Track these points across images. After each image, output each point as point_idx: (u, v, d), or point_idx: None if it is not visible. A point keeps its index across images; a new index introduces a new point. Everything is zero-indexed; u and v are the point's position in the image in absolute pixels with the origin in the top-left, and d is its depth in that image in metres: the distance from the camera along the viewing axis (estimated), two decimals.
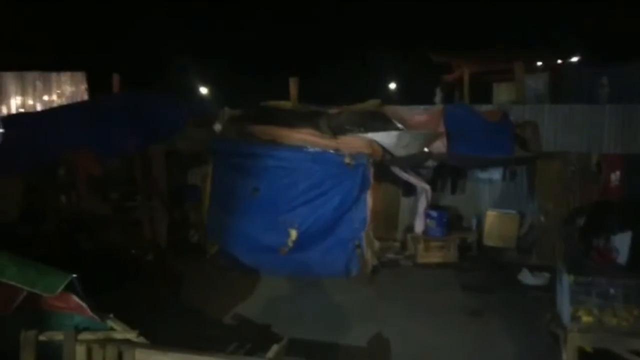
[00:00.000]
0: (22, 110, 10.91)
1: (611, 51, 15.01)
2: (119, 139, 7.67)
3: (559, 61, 14.38)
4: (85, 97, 11.11)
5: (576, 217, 5.56)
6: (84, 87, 11.17)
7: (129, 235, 8.44)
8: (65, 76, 11.09)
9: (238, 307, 6.57)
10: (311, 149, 7.96)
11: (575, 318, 4.66)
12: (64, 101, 10.96)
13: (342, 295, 7.06)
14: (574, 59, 14.60)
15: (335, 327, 5.97)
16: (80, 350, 3.45)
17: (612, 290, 4.61)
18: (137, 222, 8.63)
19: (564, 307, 4.78)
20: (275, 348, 3.62)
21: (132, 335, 3.56)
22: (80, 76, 11.20)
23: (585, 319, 4.65)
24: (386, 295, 7.17)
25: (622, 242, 5.11)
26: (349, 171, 7.85)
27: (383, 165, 8.39)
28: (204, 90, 22.23)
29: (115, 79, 10.38)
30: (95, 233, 8.07)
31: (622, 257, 5.08)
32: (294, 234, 7.92)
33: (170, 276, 7.63)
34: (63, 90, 11.01)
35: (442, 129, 8.41)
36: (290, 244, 7.95)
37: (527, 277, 7.58)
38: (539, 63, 13.83)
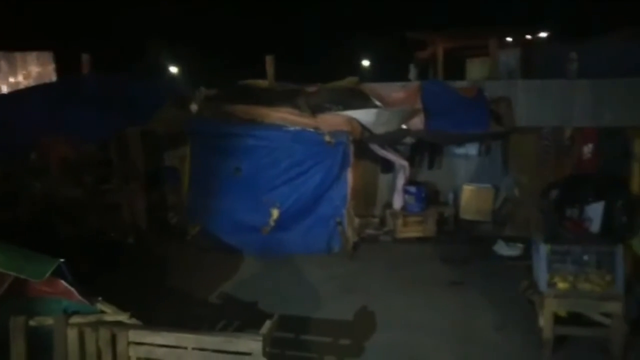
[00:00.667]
0: None
1: (579, 27, 15.35)
2: (94, 121, 7.48)
3: (528, 37, 14.61)
4: (54, 78, 10.69)
5: (551, 189, 5.77)
6: (51, 67, 10.73)
7: (107, 219, 8.32)
8: (31, 56, 10.61)
9: (223, 286, 6.62)
10: (291, 128, 7.95)
11: (551, 284, 4.90)
12: (30, 82, 10.51)
13: (325, 271, 7.18)
14: (543, 35, 14.85)
15: (320, 303, 6.10)
16: (72, 334, 3.44)
17: (585, 257, 4.85)
18: (115, 205, 8.49)
19: (541, 274, 5.00)
20: (267, 324, 3.68)
21: (123, 317, 3.56)
22: (47, 56, 10.74)
23: (561, 285, 4.89)
24: (368, 270, 7.33)
25: (594, 212, 5.35)
26: (329, 149, 7.89)
27: (362, 143, 8.45)
28: (173, 69, 21.75)
29: (85, 59, 10.00)
30: (71, 218, 7.92)
31: (595, 226, 5.33)
32: (275, 213, 7.96)
33: (153, 258, 7.60)
34: (29, 71, 10.56)
35: (419, 105, 8.49)
36: (272, 223, 7.99)
37: (502, 248, 7.85)
38: (509, 39, 14.03)
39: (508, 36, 13.88)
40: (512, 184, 8.89)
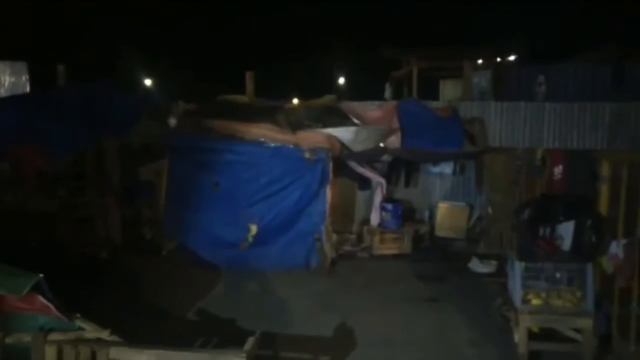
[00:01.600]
0: None
1: (547, 50, 16.02)
2: (70, 133, 7.35)
3: (498, 59, 15.15)
4: (27, 88, 10.46)
5: (524, 208, 5.97)
6: (25, 77, 10.50)
7: (80, 233, 8.14)
8: (4, 65, 10.38)
9: (200, 303, 6.55)
10: (271, 144, 7.99)
11: (525, 301, 5.05)
12: (2, 92, 10.27)
13: (304, 288, 7.19)
14: (512, 57, 15.43)
15: (299, 319, 6.09)
16: (51, 352, 3.35)
17: (558, 275, 5.03)
18: (88, 219, 8.32)
19: (515, 291, 5.15)
20: (250, 341, 3.68)
21: (104, 334, 3.50)
22: (21, 66, 10.52)
23: (535, 301, 5.06)
24: (346, 286, 7.37)
25: (566, 230, 5.56)
26: (309, 166, 7.96)
27: (340, 160, 8.56)
28: (148, 82, 21.56)
29: (60, 69, 9.85)
30: (44, 231, 7.72)
31: (566, 244, 5.53)
32: (254, 228, 7.95)
33: (128, 274, 7.44)
34: (2, 81, 10.32)
35: (396, 124, 8.69)
36: (250, 239, 7.97)
37: (476, 265, 8.04)
38: (480, 61, 14.52)
39: (479, 58, 14.37)
40: (486, 202, 9.15)
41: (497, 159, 8.98)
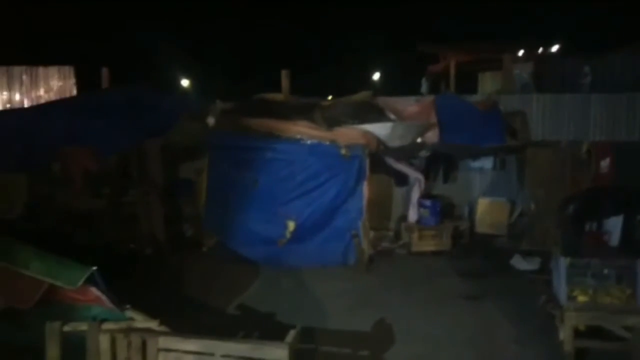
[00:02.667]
0: (8, 106, 10.72)
1: (592, 40, 15.41)
2: (115, 134, 7.64)
3: (541, 50, 14.70)
4: (74, 91, 10.96)
5: (569, 202, 5.78)
6: (72, 81, 11.00)
7: (125, 230, 8.44)
8: (52, 70, 10.90)
9: (240, 298, 6.66)
10: (308, 141, 8.05)
11: (571, 298, 4.89)
12: (51, 96, 10.80)
13: (342, 284, 7.20)
14: (555, 48, 14.94)
15: (337, 315, 6.10)
16: (104, 340, 3.51)
17: (605, 271, 4.84)
18: (133, 216, 8.62)
19: (561, 288, 5.00)
20: (292, 333, 3.73)
21: (153, 324, 3.64)
22: (68, 70, 11.03)
23: (581, 298, 4.88)
24: (384, 283, 7.33)
25: (614, 225, 5.36)
26: (345, 162, 7.97)
27: (377, 156, 8.53)
28: (185, 82, 22.04)
29: (105, 73, 10.26)
30: (91, 228, 8.05)
31: (614, 240, 5.33)
32: (291, 225, 8.02)
33: (170, 269, 7.68)
34: (51, 85, 10.84)
35: (434, 119, 8.58)
36: (288, 235, 8.05)
37: (519, 262, 7.83)
38: (521, 53, 14.13)
39: (520, 50, 13.99)
40: (528, 197, 8.90)
41: (540, 153, 8.71)
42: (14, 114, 9.24)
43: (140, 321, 3.66)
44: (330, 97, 9.53)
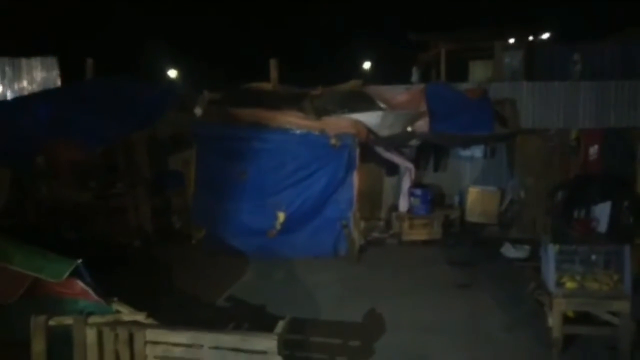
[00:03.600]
0: None
1: (582, 28, 15.43)
2: (101, 126, 7.50)
3: (531, 38, 14.67)
4: (58, 83, 10.75)
5: (558, 190, 5.79)
6: (56, 72, 10.79)
7: (113, 223, 8.34)
8: (36, 61, 10.68)
9: (230, 289, 6.63)
10: (297, 131, 7.98)
11: (560, 284, 4.91)
12: (35, 88, 10.58)
13: (332, 274, 7.19)
14: (545, 36, 14.92)
15: (328, 305, 6.10)
16: (91, 334, 3.46)
17: (593, 257, 4.86)
18: (121, 209, 8.52)
19: (549, 275, 5.01)
20: (281, 324, 3.70)
21: (140, 317, 3.59)
22: (51, 61, 10.80)
23: (570, 284, 4.90)
24: (375, 272, 7.34)
25: (602, 212, 5.38)
26: (335, 152, 7.92)
27: (367, 146, 8.48)
28: (172, 73, 21.76)
29: (89, 63, 10.08)
30: (78, 221, 7.94)
31: (602, 226, 5.35)
32: (281, 216, 7.98)
33: (159, 262, 7.61)
34: (34, 77, 10.63)
35: (424, 108, 8.55)
36: (278, 226, 8.01)
37: (509, 250, 7.86)
38: (512, 40, 14.09)
39: (510, 37, 13.95)
40: (518, 185, 8.92)
41: (530, 141, 8.72)
42: None
43: (127, 314, 3.61)
44: (319, 87, 9.45)
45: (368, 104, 8.63)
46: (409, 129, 8.47)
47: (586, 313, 5.02)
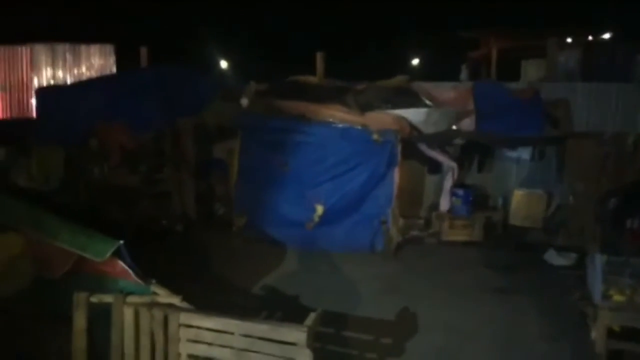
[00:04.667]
0: (52, 82, 11.08)
1: None
2: (150, 112, 7.78)
3: (590, 38, 13.99)
4: (114, 69, 11.22)
5: (610, 197, 5.50)
6: (112, 59, 11.26)
7: (158, 207, 8.63)
8: (94, 48, 11.19)
9: (266, 278, 6.72)
10: (339, 125, 7.96)
11: (606, 296, 4.68)
12: (92, 74, 11.09)
13: (368, 270, 7.15)
14: (606, 36, 14.18)
15: (362, 301, 6.08)
16: (128, 313, 3.61)
17: None
18: (166, 194, 8.80)
19: (595, 285, 4.79)
20: (312, 316, 3.72)
21: (176, 300, 3.70)
22: (108, 49, 11.28)
23: (617, 297, 4.67)
24: (411, 271, 7.24)
25: None
26: (377, 148, 7.84)
27: (410, 142, 8.35)
28: (224, 64, 22.17)
29: (143, 52, 10.43)
30: (126, 204, 8.27)
31: None
32: (320, 209, 8.00)
33: (200, 247, 7.82)
34: (92, 63, 11.13)
35: (471, 106, 8.33)
36: (316, 218, 8.03)
37: (553, 257, 7.55)
38: (569, 40, 13.48)
39: (568, 37, 13.34)
40: (567, 190, 8.53)
41: (582, 145, 8.27)
42: (56, 90, 9.55)
43: (164, 296, 3.73)
44: (365, 81, 9.38)
45: (413, 100, 8.49)
46: (454, 127, 8.27)
47: (634, 329, 4.76)
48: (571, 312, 5.51)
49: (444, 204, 8.76)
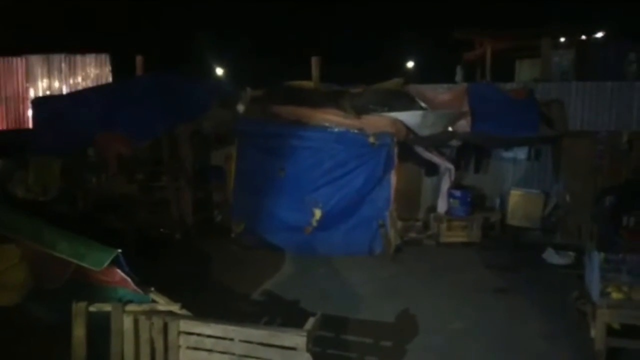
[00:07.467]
0: (48, 92, 11.09)
1: (638, 26, 14.57)
2: (147, 120, 7.80)
3: (584, 37, 14.04)
4: (110, 79, 11.23)
5: (606, 195, 5.53)
6: (108, 69, 11.28)
7: (156, 215, 8.63)
8: (90, 58, 11.20)
9: (265, 284, 6.72)
10: (335, 129, 8.00)
11: (604, 294, 4.69)
12: (88, 83, 11.09)
13: (367, 273, 7.17)
14: (599, 35, 14.23)
15: (361, 304, 6.08)
16: (128, 321, 3.62)
17: None
18: (164, 201, 8.80)
19: (594, 284, 4.81)
20: (311, 321, 3.73)
21: (175, 308, 3.71)
22: (104, 58, 11.30)
23: (615, 295, 4.68)
24: (410, 273, 7.25)
25: None
26: (373, 151, 7.88)
27: (406, 145, 8.39)
28: (219, 71, 22.22)
29: (139, 60, 10.43)
30: (124, 212, 8.27)
31: None
32: (318, 213, 8.02)
33: (198, 254, 7.82)
34: (88, 73, 11.15)
35: (466, 108, 8.36)
36: (314, 223, 8.06)
37: (551, 256, 7.59)
38: (563, 39, 13.53)
39: (561, 36, 13.39)
40: (564, 190, 8.57)
41: (578, 144, 8.34)
42: (53, 100, 9.57)
43: (163, 304, 3.74)
44: (361, 85, 9.40)
45: (409, 102, 8.52)
46: (450, 128, 8.30)
47: (633, 326, 4.77)
48: (570, 311, 5.53)
49: (442, 206, 8.80)
